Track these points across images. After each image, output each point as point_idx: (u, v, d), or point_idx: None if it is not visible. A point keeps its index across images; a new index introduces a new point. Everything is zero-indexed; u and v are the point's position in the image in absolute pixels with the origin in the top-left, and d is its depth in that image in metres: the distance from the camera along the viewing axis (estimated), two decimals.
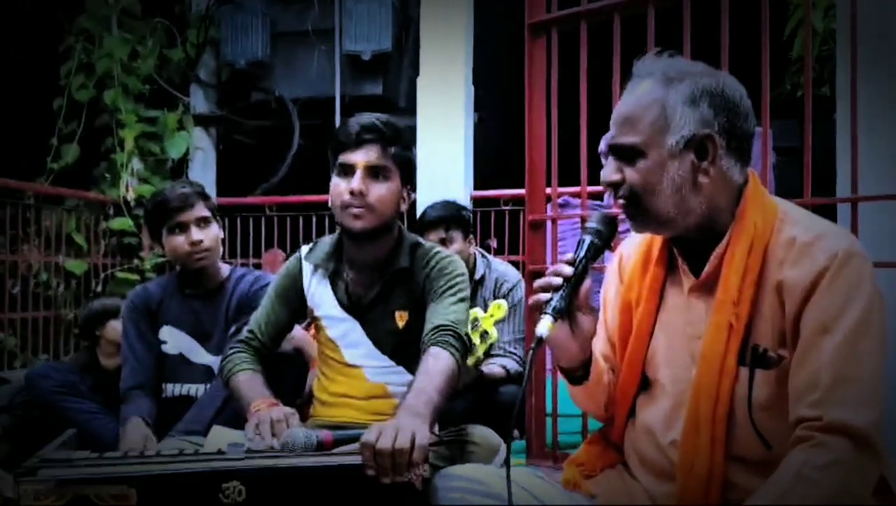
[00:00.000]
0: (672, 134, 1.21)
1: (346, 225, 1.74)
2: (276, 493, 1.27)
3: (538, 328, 1.21)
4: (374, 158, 1.73)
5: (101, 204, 4.50)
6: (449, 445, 1.75)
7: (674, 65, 1.26)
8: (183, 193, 2.18)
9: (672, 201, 1.22)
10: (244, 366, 1.79)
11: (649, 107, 1.22)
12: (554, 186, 2.37)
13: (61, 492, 1.20)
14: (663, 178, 1.21)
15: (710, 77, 1.24)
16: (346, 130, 1.74)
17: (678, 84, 1.22)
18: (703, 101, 1.21)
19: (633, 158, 1.23)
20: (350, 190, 1.71)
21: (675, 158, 1.21)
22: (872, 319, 1.13)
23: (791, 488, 1.07)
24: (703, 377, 1.22)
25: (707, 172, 1.22)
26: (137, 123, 4.56)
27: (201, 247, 2.18)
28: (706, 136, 1.21)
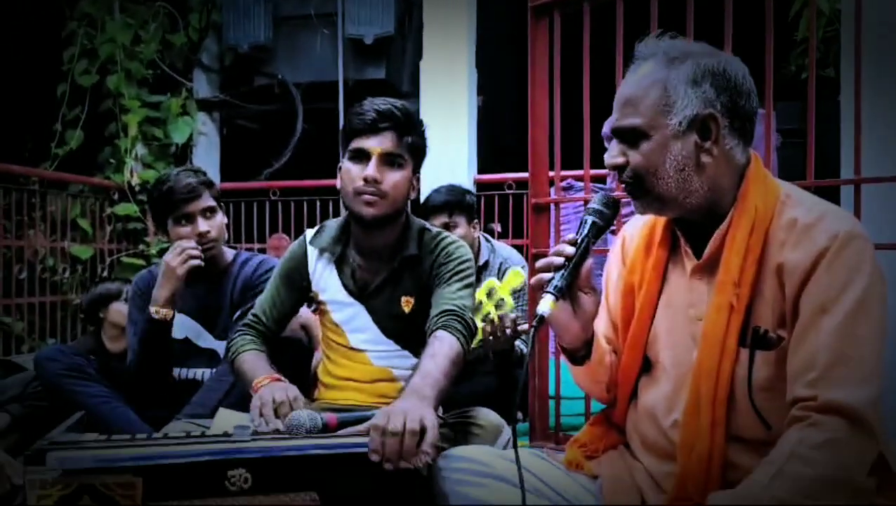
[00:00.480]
0: (675, 114, 1.21)
1: (359, 212, 1.73)
2: (282, 480, 1.28)
3: (539, 307, 1.22)
4: (389, 146, 1.72)
5: (105, 189, 4.51)
6: (453, 427, 1.77)
7: (675, 45, 1.26)
8: (189, 183, 2.16)
9: (675, 182, 1.22)
10: (249, 347, 1.81)
11: (651, 88, 1.22)
12: (557, 170, 2.37)
13: (67, 481, 1.21)
14: (666, 159, 1.22)
15: (711, 57, 1.24)
16: (362, 114, 1.72)
17: (680, 64, 1.22)
18: (705, 80, 1.21)
19: (637, 141, 1.23)
20: (364, 177, 1.70)
21: (678, 138, 1.21)
22: (872, 301, 1.13)
23: (785, 466, 1.08)
24: (703, 358, 1.22)
25: (710, 152, 1.22)
26: (141, 108, 4.57)
27: (208, 238, 2.18)
28: (709, 115, 1.21)
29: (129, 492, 1.22)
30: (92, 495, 1.21)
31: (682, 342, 1.30)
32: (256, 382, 1.66)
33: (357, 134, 1.72)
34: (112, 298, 2.72)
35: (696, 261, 1.29)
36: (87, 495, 1.21)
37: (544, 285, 1.24)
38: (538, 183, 2.37)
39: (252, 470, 1.26)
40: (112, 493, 1.21)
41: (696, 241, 1.30)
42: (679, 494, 1.24)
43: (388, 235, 1.80)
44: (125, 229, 4.55)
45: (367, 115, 1.71)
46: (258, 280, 2.22)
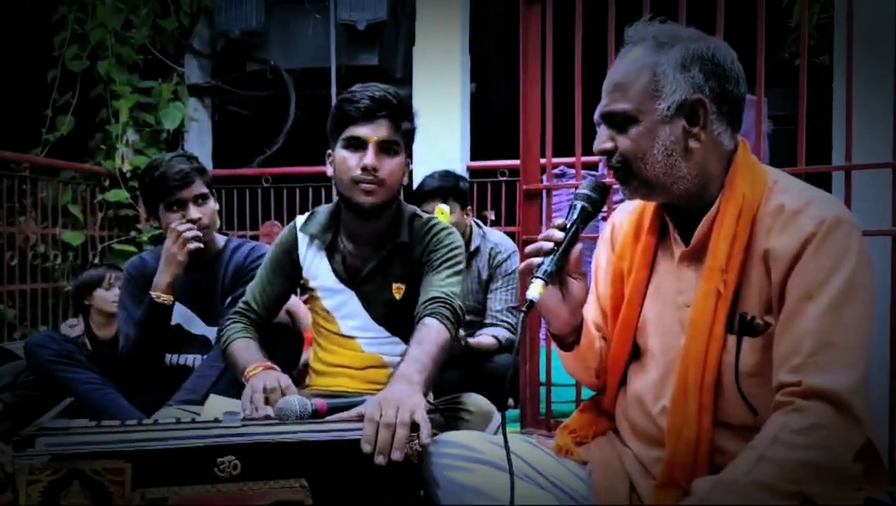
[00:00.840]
0: (663, 99, 1.21)
1: (357, 200, 1.72)
2: (272, 466, 1.27)
3: (529, 292, 1.22)
4: (385, 134, 1.71)
5: (96, 176, 4.49)
6: (443, 413, 1.77)
7: (665, 30, 1.26)
8: (181, 169, 2.14)
9: (663, 167, 1.22)
10: (240, 334, 1.80)
11: (640, 73, 1.22)
12: (549, 157, 2.36)
13: (56, 467, 1.20)
14: (655, 144, 1.22)
15: (701, 42, 1.23)
16: (356, 102, 1.70)
17: (669, 49, 1.22)
18: (694, 65, 1.21)
19: (625, 125, 1.23)
20: (363, 166, 1.69)
21: (667, 123, 1.21)
22: (858, 286, 1.13)
23: (768, 451, 1.09)
24: (691, 345, 1.23)
25: (698, 138, 1.22)
26: (132, 94, 4.54)
27: (199, 225, 2.17)
28: (697, 101, 1.21)
29: (118, 478, 1.21)
30: (81, 481, 1.21)
31: (670, 329, 1.30)
32: (248, 370, 1.66)
33: (351, 122, 1.71)
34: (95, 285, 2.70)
35: (684, 247, 1.29)
36: (77, 480, 1.21)
37: (533, 270, 1.24)
38: (529, 170, 2.37)
39: (241, 457, 1.26)
40: (101, 478, 1.21)
41: (684, 227, 1.30)
42: (666, 479, 1.24)
43: (380, 222, 1.79)
44: (116, 216, 4.53)
45: (361, 102, 1.70)
46: (250, 266, 2.22)
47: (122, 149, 4.47)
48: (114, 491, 1.21)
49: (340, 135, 1.73)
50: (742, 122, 1.28)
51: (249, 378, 1.63)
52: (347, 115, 1.71)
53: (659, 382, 1.30)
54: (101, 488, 1.21)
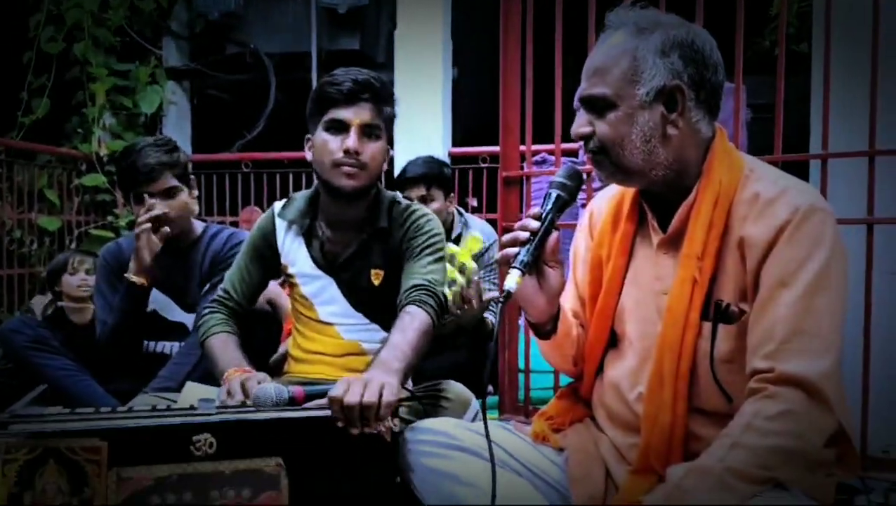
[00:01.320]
0: (642, 85, 1.21)
1: (337, 184, 1.71)
2: (247, 445, 1.28)
3: (506, 283, 1.22)
4: (368, 117, 1.70)
5: (73, 160, 4.42)
6: (421, 400, 1.77)
7: (646, 16, 1.26)
8: (147, 164, 2.10)
9: (641, 153, 1.22)
10: (219, 328, 1.78)
11: (620, 58, 1.22)
12: (528, 144, 2.36)
13: (32, 445, 1.20)
14: (633, 129, 1.22)
15: (681, 28, 1.23)
16: (338, 84, 1.69)
17: (649, 35, 1.22)
18: (673, 52, 1.21)
19: (603, 110, 1.23)
20: (345, 149, 1.68)
21: (645, 109, 1.21)
22: (831, 274, 1.14)
23: (741, 438, 1.10)
24: (667, 332, 1.23)
25: (676, 124, 1.22)
26: (109, 77, 4.47)
27: (166, 218, 2.13)
28: (676, 87, 1.21)
29: (94, 456, 1.21)
30: (57, 459, 1.21)
31: (648, 316, 1.30)
32: (227, 374, 1.63)
33: (333, 104, 1.69)
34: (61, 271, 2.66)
35: (662, 235, 1.30)
36: (53, 458, 1.21)
37: (510, 261, 1.24)
38: (509, 157, 2.36)
39: (217, 435, 1.26)
40: (77, 457, 1.21)
41: (662, 215, 1.30)
42: (642, 464, 1.25)
43: (359, 207, 1.78)
44: (93, 201, 4.47)
45: (343, 85, 1.68)
46: (228, 253, 2.20)
47: (98, 132, 4.41)
48: (90, 470, 1.22)
49: (322, 118, 1.72)
50: (720, 109, 1.28)
51: (228, 381, 1.59)
52: (329, 97, 1.70)
53: (636, 368, 1.31)
54: (77, 466, 1.22)
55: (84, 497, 1.22)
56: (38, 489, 1.21)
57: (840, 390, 1.14)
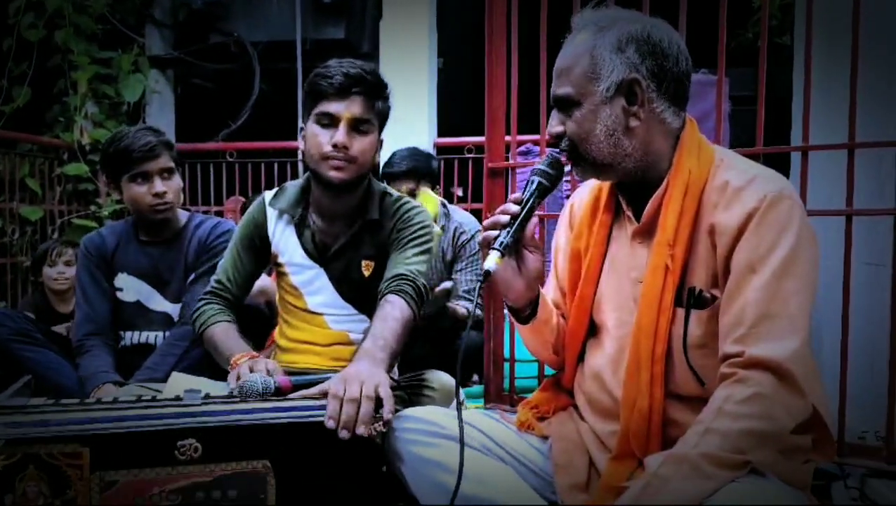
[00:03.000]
0: (602, 81, 1.25)
1: (326, 176, 1.71)
2: (234, 448, 1.27)
3: (486, 263, 1.26)
4: (358, 112, 1.69)
5: (55, 148, 4.38)
6: (406, 390, 1.78)
7: (606, 14, 1.30)
8: (148, 141, 2.10)
9: (607, 146, 1.26)
10: (218, 318, 1.77)
11: (580, 57, 1.26)
12: (514, 134, 2.36)
13: (11, 451, 1.19)
14: (597, 124, 1.26)
15: (636, 23, 1.27)
16: (329, 77, 1.68)
17: (606, 32, 1.26)
18: (629, 46, 1.25)
19: (570, 109, 1.28)
20: (334, 143, 1.68)
21: (606, 104, 1.25)
22: (799, 259, 1.17)
23: (713, 423, 1.12)
24: (642, 318, 1.26)
25: (638, 116, 1.26)
26: (91, 65, 4.41)
27: (164, 199, 2.13)
28: (633, 80, 1.25)
29: (75, 461, 1.20)
30: (37, 464, 1.19)
31: (625, 304, 1.33)
32: (234, 359, 1.63)
33: (324, 97, 1.69)
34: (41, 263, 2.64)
35: (636, 224, 1.33)
36: (32, 464, 1.19)
37: (490, 243, 1.27)
38: (494, 147, 2.37)
39: (202, 440, 1.25)
40: (58, 462, 1.20)
41: (637, 205, 1.33)
42: (621, 450, 1.28)
43: (350, 198, 1.78)
44: (76, 190, 4.42)
45: (335, 78, 1.67)
46: (213, 243, 2.19)
47: (80, 121, 4.36)
48: (71, 474, 1.20)
49: (313, 110, 1.71)
50: (687, 99, 1.31)
51: (235, 366, 1.59)
52: (320, 90, 1.69)
53: (614, 356, 1.33)
54: (57, 471, 1.20)
55: (67, 498, 1.21)
56: (20, 493, 1.20)
57: (810, 372, 1.17)
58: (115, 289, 2.22)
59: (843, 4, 2.00)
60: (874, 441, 1.99)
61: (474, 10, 3.38)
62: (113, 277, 2.22)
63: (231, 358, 1.64)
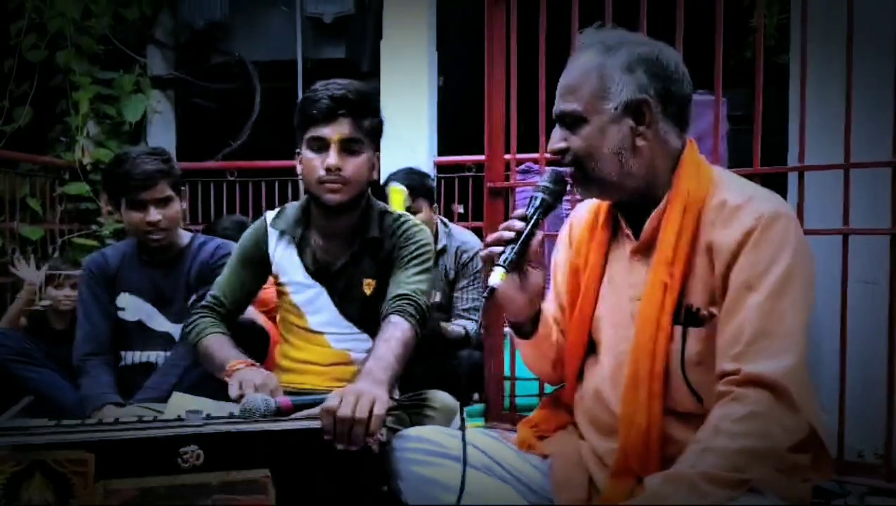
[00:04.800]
0: (611, 100, 1.26)
1: (323, 199, 1.73)
2: (235, 456, 1.28)
3: (490, 279, 1.26)
4: (347, 133, 1.71)
5: (56, 168, 4.39)
6: (408, 409, 1.78)
7: (613, 35, 1.32)
8: (145, 171, 2.10)
9: (613, 165, 1.28)
10: (211, 329, 1.78)
11: (589, 75, 1.28)
12: (513, 153, 2.38)
13: (18, 458, 1.20)
14: (604, 142, 1.27)
15: (645, 45, 1.30)
16: (316, 101, 1.70)
17: (616, 52, 1.28)
18: (639, 67, 1.27)
19: (576, 125, 1.29)
20: (326, 166, 1.69)
21: (615, 122, 1.27)
22: (796, 277, 1.18)
23: (711, 443, 1.13)
24: (640, 336, 1.27)
25: (644, 136, 1.28)
26: (92, 85, 4.44)
27: (158, 227, 2.14)
28: (642, 100, 1.27)
29: (81, 468, 1.21)
30: (43, 472, 1.21)
31: (623, 322, 1.34)
32: (230, 366, 1.64)
33: (313, 122, 1.71)
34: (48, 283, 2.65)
35: (635, 242, 1.34)
36: (39, 471, 1.20)
37: (494, 259, 1.28)
38: (494, 167, 2.39)
39: (204, 447, 1.26)
40: (64, 469, 1.21)
41: (635, 223, 1.35)
42: (620, 467, 1.28)
43: (350, 218, 1.80)
44: (77, 209, 4.44)
45: (321, 102, 1.69)
46: (215, 264, 2.20)
47: (82, 141, 4.38)
48: (76, 482, 1.21)
49: (304, 135, 1.73)
50: (689, 122, 1.33)
51: (232, 373, 1.61)
52: (309, 115, 1.71)
53: (613, 373, 1.34)
54: (63, 479, 1.21)
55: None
56: (25, 501, 1.21)
57: (807, 390, 1.18)
58: (117, 309, 2.23)
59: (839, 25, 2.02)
60: (873, 459, 1.99)
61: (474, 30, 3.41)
62: (115, 296, 2.23)
63: (226, 365, 1.65)
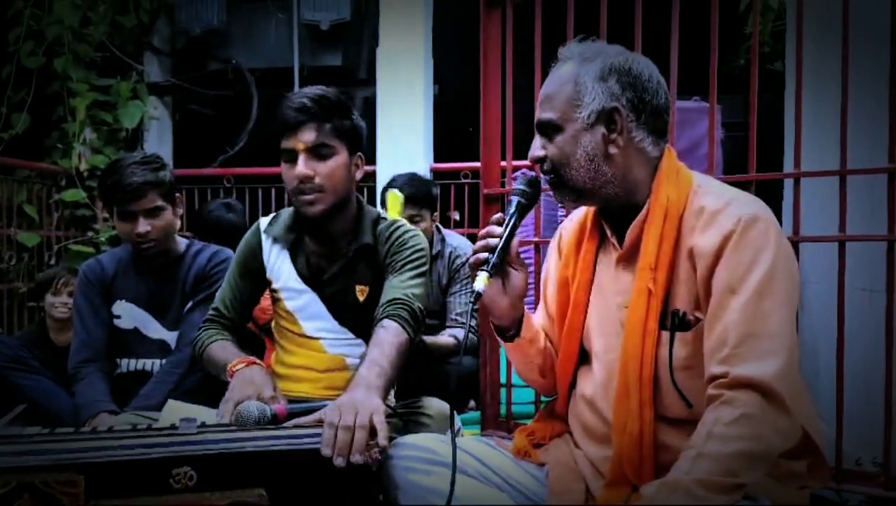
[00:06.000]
0: (584, 108, 1.29)
1: (303, 211, 1.73)
2: (229, 477, 1.26)
3: (475, 284, 1.30)
4: (311, 139, 1.70)
5: (53, 175, 4.39)
6: (402, 417, 1.78)
7: (591, 47, 1.35)
8: (132, 182, 2.09)
9: (586, 171, 1.30)
10: (215, 337, 1.80)
11: (565, 85, 1.31)
12: (509, 160, 2.39)
13: (6, 479, 1.18)
14: (577, 149, 1.30)
15: (619, 56, 1.32)
16: (283, 113, 1.70)
17: (590, 62, 1.31)
18: (611, 77, 1.29)
19: (552, 133, 1.32)
20: (296, 176, 1.70)
21: (588, 130, 1.30)
22: (777, 278, 1.19)
23: (704, 448, 1.12)
24: (628, 343, 1.28)
25: (616, 144, 1.30)
26: (89, 92, 4.43)
27: (148, 238, 2.13)
28: (613, 108, 1.29)
29: (70, 490, 1.20)
30: (32, 494, 1.19)
31: (612, 330, 1.35)
32: (231, 366, 1.65)
33: (282, 133, 1.72)
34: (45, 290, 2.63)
35: (620, 250, 1.35)
36: (27, 493, 1.19)
37: (479, 265, 1.32)
38: (489, 174, 2.39)
39: (197, 468, 1.24)
40: (53, 491, 1.19)
41: (620, 231, 1.36)
42: (615, 476, 1.28)
43: (340, 223, 1.79)
44: (73, 216, 4.43)
45: (286, 114, 1.70)
46: (211, 271, 2.20)
47: (79, 148, 4.37)
48: (66, 503, 1.20)
49: (280, 148, 1.74)
50: (666, 131, 1.36)
51: (233, 373, 1.61)
52: (278, 128, 1.72)
53: (605, 381, 1.35)
54: (52, 500, 1.20)
55: None
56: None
57: (799, 392, 1.18)
58: (113, 316, 2.22)
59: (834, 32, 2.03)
60: (871, 467, 1.98)
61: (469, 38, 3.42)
62: (111, 304, 2.23)
63: (228, 366, 1.66)
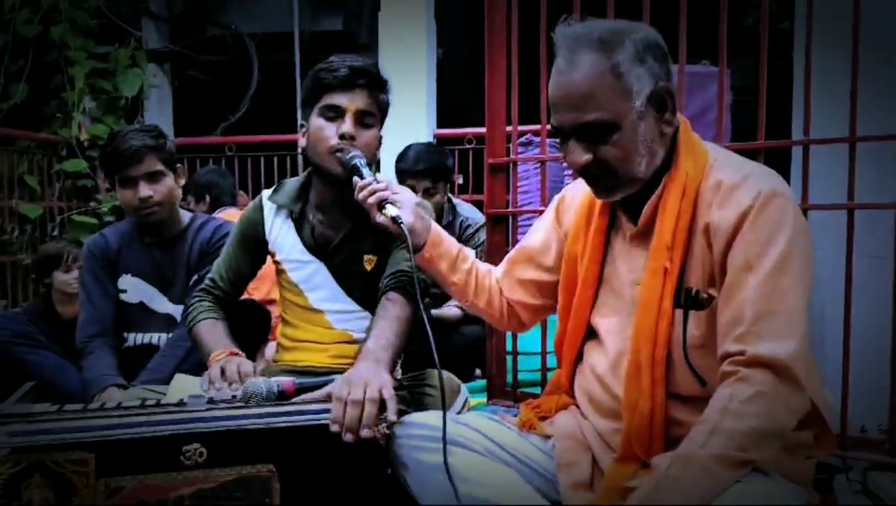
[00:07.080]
0: (636, 97, 1.22)
1: (333, 171, 1.69)
2: (238, 453, 1.27)
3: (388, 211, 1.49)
4: (363, 104, 1.69)
5: (53, 145, 4.36)
6: (409, 389, 1.78)
7: (595, 28, 1.25)
8: (131, 146, 2.09)
9: (647, 161, 1.25)
10: (206, 315, 1.79)
11: (602, 77, 1.21)
12: (514, 126, 2.35)
13: (17, 459, 1.19)
14: (637, 143, 1.23)
15: (640, 31, 1.25)
16: (334, 70, 1.68)
17: (619, 46, 1.22)
18: (647, 55, 1.23)
19: (604, 134, 1.23)
20: (341, 134, 1.67)
21: (642, 119, 1.23)
22: (794, 256, 1.17)
23: (719, 424, 1.12)
24: (641, 321, 1.27)
25: (669, 122, 1.26)
26: (87, 60, 4.39)
27: (150, 202, 2.13)
28: (663, 88, 1.24)
29: (81, 468, 1.21)
30: (42, 473, 1.20)
31: (624, 307, 1.34)
32: (213, 355, 1.65)
33: (329, 90, 1.68)
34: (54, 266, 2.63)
35: (633, 228, 1.33)
36: (38, 472, 1.20)
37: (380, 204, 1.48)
38: (495, 142, 2.36)
39: (207, 444, 1.25)
40: (63, 470, 1.20)
41: (632, 208, 1.33)
42: (625, 452, 1.28)
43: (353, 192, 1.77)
44: (75, 186, 4.42)
45: (340, 71, 1.67)
46: (216, 244, 2.19)
47: (78, 117, 4.34)
48: (77, 482, 1.21)
49: (317, 104, 1.70)
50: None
51: (212, 364, 1.62)
52: (325, 83, 1.69)
53: (615, 359, 1.34)
54: (63, 479, 1.21)
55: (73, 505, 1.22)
56: (25, 501, 1.20)
57: (810, 368, 1.17)
58: (119, 290, 2.22)
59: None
60: (876, 434, 1.99)
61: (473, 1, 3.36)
62: (117, 278, 2.23)
63: (210, 354, 1.65)
